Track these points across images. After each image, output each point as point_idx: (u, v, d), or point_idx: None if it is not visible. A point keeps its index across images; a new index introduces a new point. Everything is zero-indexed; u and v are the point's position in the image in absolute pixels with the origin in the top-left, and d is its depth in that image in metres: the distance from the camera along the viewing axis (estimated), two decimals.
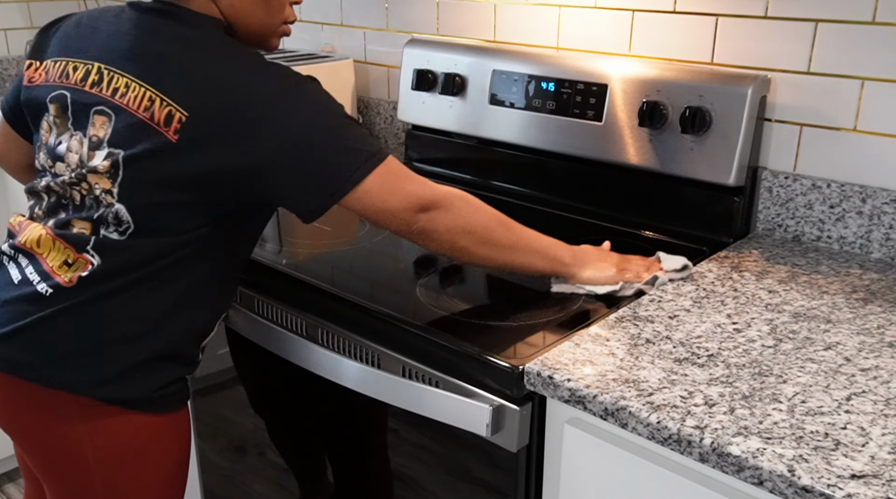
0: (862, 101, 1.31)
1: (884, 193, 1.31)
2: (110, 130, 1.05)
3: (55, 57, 1.13)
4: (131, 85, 1.04)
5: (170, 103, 1.01)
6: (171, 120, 1.00)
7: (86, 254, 1.05)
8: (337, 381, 1.17)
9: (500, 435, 1.03)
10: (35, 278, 1.05)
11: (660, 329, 1.08)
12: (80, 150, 1.07)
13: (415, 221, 1.06)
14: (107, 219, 1.05)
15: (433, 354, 1.08)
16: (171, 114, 1.00)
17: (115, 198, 1.04)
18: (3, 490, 2.35)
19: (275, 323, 1.28)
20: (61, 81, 1.10)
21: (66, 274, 1.04)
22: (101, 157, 1.04)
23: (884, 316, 1.12)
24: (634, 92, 1.46)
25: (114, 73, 1.06)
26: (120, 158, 1.03)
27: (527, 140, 1.62)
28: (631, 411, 0.90)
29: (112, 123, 1.04)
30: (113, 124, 1.04)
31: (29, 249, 1.08)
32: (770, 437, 0.85)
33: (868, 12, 1.28)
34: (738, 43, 1.42)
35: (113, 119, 1.04)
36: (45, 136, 1.12)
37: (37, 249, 1.07)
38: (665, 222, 1.48)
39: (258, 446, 1.47)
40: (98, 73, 1.07)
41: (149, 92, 1.02)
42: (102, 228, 1.05)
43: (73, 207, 1.08)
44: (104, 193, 1.05)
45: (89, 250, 1.04)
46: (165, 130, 1.00)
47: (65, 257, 1.05)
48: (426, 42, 1.78)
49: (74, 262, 1.05)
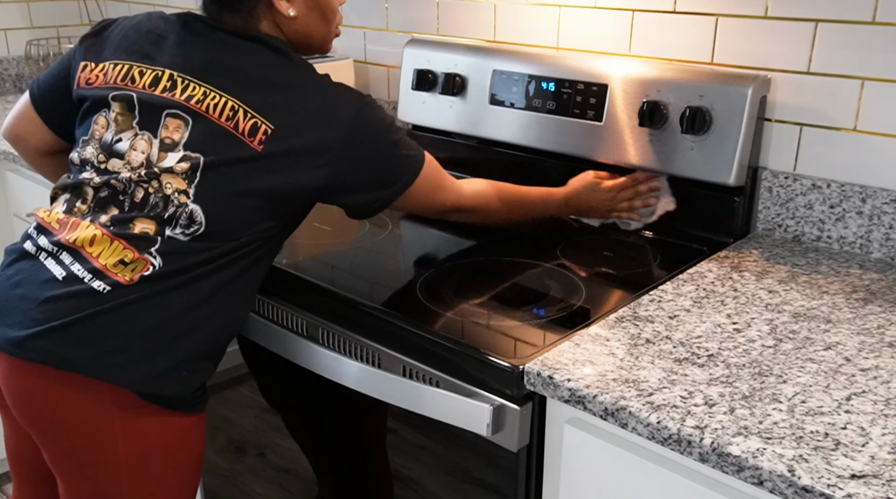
0: (862, 101, 1.31)
1: (884, 193, 1.31)
2: (187, 134, 1.08)
3: (115, 60, 1.15)
4: (210, 93, 1.09)
5: (255, 115, 1.07)
6: (257, 131, 1.07)
7: (147, 255, 1.06)
8: (337, 381, 1.17)
9: (500, 435, 1.03)
10: (86, 276, 1.05)
11: (660, 329, 1.08)
12: (148, 149, 1.09)
13: (446, 216, 1.30)
14: (177, 218, 1.07)
15: (433, 354, 1.08)
16: (256, 125, 1.07)
17: (191, 198, 1.07)
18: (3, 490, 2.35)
19: (275, 323, 1.28)
20: (125, 84, 1.12)
21: (123, 273, 1.05)
22: (176, 159, 1.07)
23: (884, 316, 1.12)
24: (634, 92, 1.46)
25: (189, 81, 1.10)
26: (201, 162, 1.07)
27: (527, 140, 1.62)
28: (631, 411, 0.90)
29: (189, 128, 1.08)
30: (190, 129, 1.08)
31: (77, 247, 1.07)
32: (770, 437, 0.85)
33: (868, 12, 1.28)
34: (738, 43, 1.42)
35: (190, 124, 1.08)
36: (99, 131, 1.13)
37: (88, 248, 1.07)
38: (665, 222, 1.47)
39: (258, 447, 1.47)
40: (170, 80, 1.11)
41: (231, 102, 1.08)
42: (168, 229, 1.07)
43: (132, 205, 1.09)
44: (177, 193, 1.07)
45: (153, 252, 1.06)
46: (250, 141, 1.07)
47: (121, 257, 1.06)
48: (426, 42, 1.78)
49: (132, 262, 1.06)
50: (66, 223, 1.10)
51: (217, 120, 1.08)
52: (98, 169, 1.12)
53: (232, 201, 1.07)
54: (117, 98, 1.12)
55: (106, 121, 1.13)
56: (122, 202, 1.09)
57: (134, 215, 1.08)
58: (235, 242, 1.09)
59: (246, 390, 1.46)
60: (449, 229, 1.49)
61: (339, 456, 1.31)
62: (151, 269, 1.05)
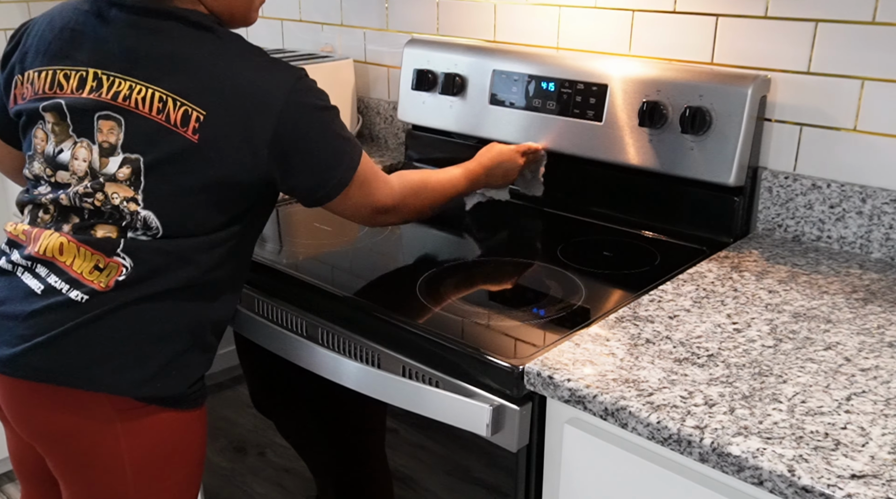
0: (862, 101, 1.31)
1: (884, 193, 1.31)
2: (122, 135, 1.03)
3: (38, 67, 1.10)
4: (136, 87, 1.03)
5: (184, 103, 1.01)
6: (189, 119, 1.01)
7: (117, 258, 1.03)
8: (337, 380, 1.17)
9: (500, 435, 1.03)
10: (63, 287, 1.03)
11: (660, 329, 1.08)
12: (89, 157, 1.05)
13: (377, 218, 1.22)
14: (134, 225, 1.04)
15: (433, 354, 1.08)
16: (187, 113, 1.01)
17: (141, 205, 1.03)
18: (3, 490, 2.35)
19: (275, 323, 1.28)
20: (53, 92, 1.07)
21: (99, 279, 1.03)
22: (117, 163, 1.03)
23: (884, 316, 1.12)
24: (634, 92, 1.46)
25: (113, 76, 1.04)
26: (141, 163, 1.03)
27: (527, 140, 1.61)
28: (631, 411, 0.90)
29: (123, 128, 1.03)
30: (124, 129, 1.03)
31: (49, 258, 1.05)
32: (770, 437, 0.85)
33: (868, 12, 1.28)
34: (738, 43, 1.42)
35: (123, 124, 1.03)
36: (40, 144, 1.09)
37: (59, 256, 1.04)
38: (665, 222, 1.48)
39: (258, 446, 1.47)
40: (95, 79, 1.05)
41: (157, 92, 1.02)
42: (130, 232, 1.04)
43: (91, 213, 1.06)
44: (126, 202, 1.03)
45: (120, 254, 1.04)
46: (184, 131, 1.01)
47: (94, 263, 1.04)
48: (426, 42, 1.78)
49: (106, 266, 1.03)
50: (30, 234, 1.08)
51: (148, 114, 1.02)
52: (50, 183, 1.09)
53: (182, 201, 1.04)
54: (48, 108, 1.07)
55: (44, 133, 1.08)
56: (81, 210, 1.06)
57: (94, 222, 1.05)
58: (200, 237, 1.06)
59: (246, 389, 1.45)
60: (449, 229, 1.49)
61: (338, 456, 1.31)
62: (124, 270, 1.03)
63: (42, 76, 1.09)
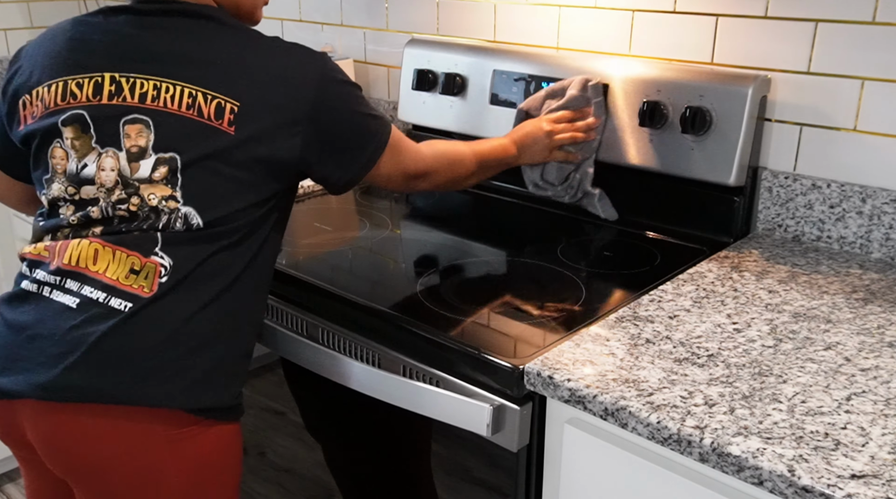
0: (862, 101, 1.31)
1: (884, 193, 1.31)
2: (153, 136, 1.01)
3: (46, 81, 1.06)
4: (162, 86, 1.01)
5: (216, 96, 1.01)
6: (223, 111, 1.00)
7: (155, 257, 0.99)
8: (337, 380, 1.17)
9: (500, 435, 1.03)
10: (100, 296, 0.98)
11: (660, 329, 1.08)
12: (116, 165, 1.02)
13: (413, 184, 1.23)
14: (172, 224, 1.01)
15: (433, 354, 1.08)
16: (220, 105, 1.00)
17: (181, 202, 1.00)
18: (4, 490, 2.35)
19: (275, 323, 1.28)
20: (67, 103, 1.04)
21: (139, 283, 0.98)
22: (150, 165, 1.01)
23: (884, 316, 1.12)
24: (635, 92, 1.46)
25: (134, 78, 1.02)
26: (178, 161, 1.00)
27: None
28: (631, 411, 0.90)
29: (152, 129, 1.01)
30: (154, 130, 1.01)
31: (80, 269, 1.00)
32: (770, 437, 0.85)
33: (868, 12, 1.28)
34: (738, 43, 1.42)
35: (151, 125, 1.01)
36: (60, 163, 1.05)
37: (92, 265, 1.00)
38: (665, 222, 1.48)
39: (258, 446, 1.47)
40: (113, 83, 1.03)
41: (186, 89, 1.01)
42: (169, 229, 1.01)
43: (121, 220, 1.02)
44: (165, 201, 1.01)
45: (158, 253, 1.00)
46: (219, 123, 1.00)
47: (129, 266, 0.99)
48: (426, 42, 1.78)
49: (143, 267, 0.99)
50: (54, 249, 1.03)
51: (178, 111, 1.00)
52: (73, 201, 1.04)
53: (222, 193, 1.02)
54: (67, 122, 1.03)
55: (63, 151, 1.04)
56: (109, 219, 1.02)
57: (125, 227, 1.01)
58: (237, 229, 1.03)
59: (246, 389, 1.46)
60: (449, 229, 1.49)
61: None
62: (164, 271, 0.99)
63: (52, 89, 1.06)
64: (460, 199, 1.67)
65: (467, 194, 1.69)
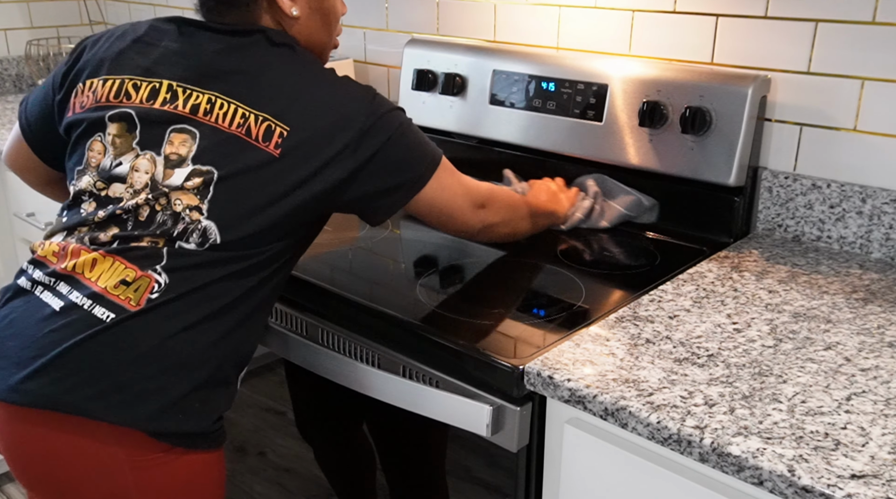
0: (862, 101, 1.31)
1: (884, 193, 1.31)
2: (195, 148, 1.01)
3: (104, 75, 1.07)
4: (217, 101, 1.02)
5: (267, 118, 1.01)
6: (272, 135, 1.00)
7: (152, 273, 0.98)
8: (337, 380, 1.17)
9: (500, 435, 1.03)
10: (84, 302, 0.96)
11: (660, 329, 1.08)
12: (152, 169, 1.02)
13: (476, 217, 1.19)
14: (188, 235, 0.99)
15: (433, 354, 1.08)
16: (270, 128, 1.01)
17: (205, 215, 0.99)
18: (4, 490, 2.35)
19: (275, 323, 1.28)
20: (119, 101, 1.05)
21: (127, 295, 0.96)
22: (185, 174, 1.00)
23: (884, 316, 1.12)
24: (634, 92, 1.46)
25: (191, 90, 1.03)
26: (215, 175, 1.00)
27: (527, 140, 1.62)
28: (631, 411, 0.90)
29: (196, 141, 1.01)
30: (198, 142, 1.01)
31: (75, 274, 0.99)
32: (770, 437, 0.85)
33: (868, 12, 1.28)
34: (738, 43, 1.42)
35: (197, 137, 1.01)
36: (96, 157, 1.05)
37: (88, 273, 0.99)
38: (665, 222, 1.48)
39: (258, 446, 1.47)
40: (170, 91, 1.04)
41: (241, 108, 1.01)
42: (180, 242, 0.99)
43: (136, 224, 1.01)
44: (189, 210, 0.99)
45: (157, 269, 0.98)
46: (265, 145, 1.00)
47: (122, 277, 0.97)
48: (426, 42, 1.78)
49: (135, 281, 0.97)
50: (60, 253, 1.02)
51: (227, 128, 1.01)
52: (98, 197, 1.04)
53: (250, 214, 1.00)
54: (114, 118, 1.04)
55: (102, 145, 1.05)
56: (124, 221, 1.01)
57: (137, 234, 1.00)
58: (249, 257, 1.01)
59: (246, 389, 1.46)
60: None
61: None
62: (157, 287, 0.97)
63: (108, 84, 1.07)
64: None
65: None
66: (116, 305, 0.96)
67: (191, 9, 1.14)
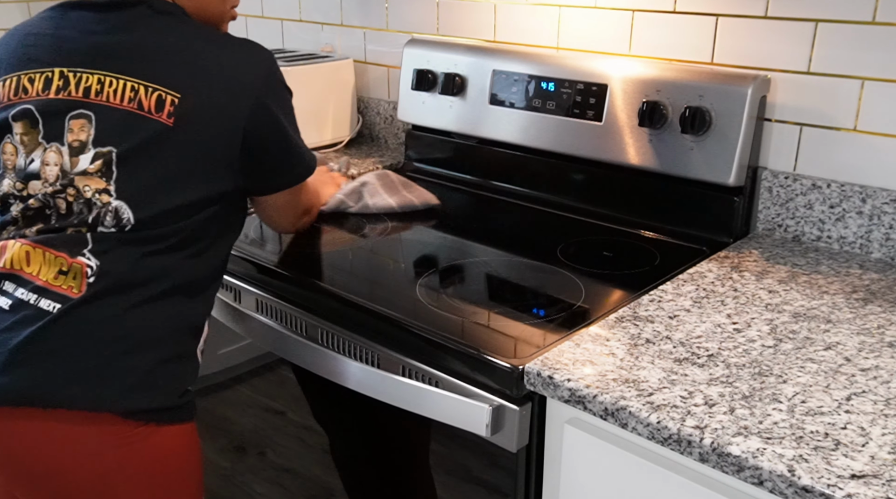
0: (862, 101, 1.31)
1: (884, 193, 1.31)
2: (93, 131, 1.02)
3: (3, 76, 1.07)
4: (106, 80, 1.02)
5: (157, 88, 1.01)
6: (163, 104, 1.01)
7: (81, 258, 0.99)
8: (337, 380, 1.17)
9: (499, 435, 1.03)
10: (30, 297, 0.98)
11: (660, 329, 1.08)
12: (59, 160, 1.02)
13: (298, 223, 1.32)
14: (103, 219, 1.00)
15: (433, 354, 1.08)
16: (161, 98, 1.01)
17: (113, 196, 1.00)
18: None
19: (275, 323, 1.28)
20: (18, 98, 1.05)
21: (68, 284, 0.98)
22: (88, 159, 1.01)
23: (884, 316, 1.12)
24: (634, 92, 1.46)
25: (81, 72, 1.03)
26: (113, 155, 1.01)
27: (527, 140, 1.62)
28: (631, 411, 0.90)
29: (94, 124, 1.02)
30: (95, 124, 1.02)
31: (15, 271, 1.00)
32: (770, 437, 0.85)
33: (868, 12, 1.28)
34: (738, 43, 1.42)
35: (93, 120, 1.02)
36: (10, 159, 1.05)
37: (26, 267, 0.99)
38: (665, 222, 1.48)
39: (258, 446, 1.47)
40: (62, 78, 1.04)
41: (129, 82, 1.01)
42: (100, 228, 1.00)
43: (58, 217, 1.02)
44: (98, 194, 1.00)
45: (85, 254, 0.99)
46: (158, 115, 1.00)
47: (58, 267, 0.99)
48: (426, 42, 1.78)
49: (70, 268, 0.99)
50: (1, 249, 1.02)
51: (119, 105, 1.01)
52: (21, 197, 1.04)
53: (157, 189, 1.01)
54: (17, 117, 1.04)
55: (13, 146, 1.05)
56: (48, 217, 1.02)
57: (59, 226, 1.01)
58: (174, 233, 1.02)
59: (246, 389, 1.45)
60: (449, 229, 1.49)
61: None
62: (90, 271, 0.98)
63: (7, 84, 1.07)
64: (460, 199, 1.67)
65: (467, 194, 1.69)
66: (60, 294, 0.98)
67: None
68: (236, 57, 1.05)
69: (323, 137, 1.95)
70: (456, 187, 1.74)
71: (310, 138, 1.91)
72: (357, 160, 1.89)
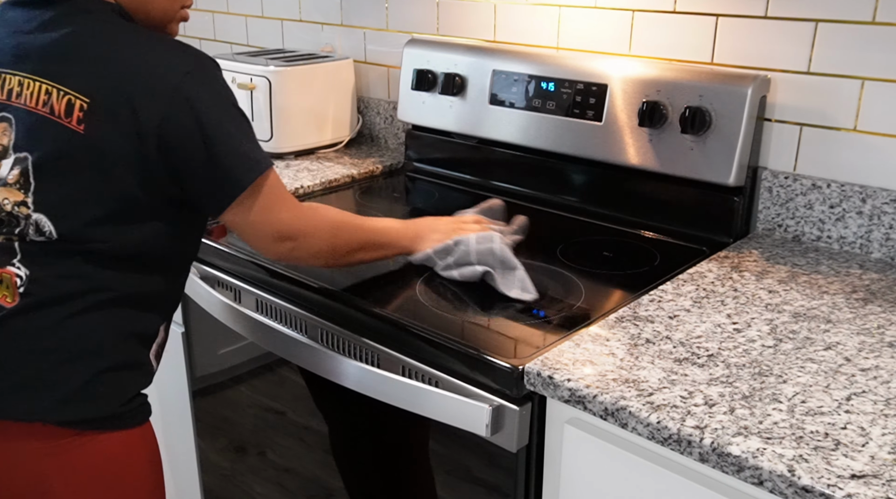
0: (862, 101, 1.31)
1: (884, 193, 1.31)
2: (13, 135, 0.97)
3: None
4: (25, 82, 0.97)
5: (67, 92, 0.95)
6: (73, 109, 0.94)
7: (11, 268, 0.96)
8: (337, 380, 1.17)
9: (499, 435, 1.03)
10: None
11: (660, 329, 1.08)
12: None
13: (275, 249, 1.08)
14: (26, 232, 0.97)
15: (433, 354, 1.08)
16: (70, 103, 0.94)
17: (31, 208, 0.96)
18: None
19: (275, 322, 1.28)
20: None
21: (1, 293, 0.96)
22: (9, 166, 0.97)
23: (884, 316, 1.12)
24: (634, 92, 1.46)
25: (5, 74, 0.99)
26: (29, 162, 0.96)
27: (527, 140, 1.62)
28: (631, 411, 0.90)
29: (14, 128, 0.97)
30: (14, 128, 0.97)
31: None
32: (770, 437, 0.85)
33: (868, 12, 1.28)
34: (738, 43, 1.42)
35: (13, 123, 0.97)
36: None
37: None
38: (665, 222, 1.48)
39: (258, 446, 1.47)
40: None
41: (44, 85, 0.96)
42: (29, 237, 0.97)
43: None
44: (17, 206, 0.96)
45: (15, 263, 0.96)
46: (68, 121, 0.94)
47: None
48: (426, 42, 1.78)
49: (2, 279, 0.96)
50: None
51: (34, 108, 0.95)
52: None
53: (75, 200, 0.95)
54: None
55: None
56: None
57: None
58: (105, 244, 0.97)
59: (246, 389, 1.46)
60: None
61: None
62: (20, 281, 0.95)
63: None
64: (460, 199, 1.67)
65: (467, 194, 1.69)
66: None
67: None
68: (158, 58, 0.96)
69: (323, 137, 1.95)
70: (456, 187, 1.74)
71: (310, 139, 1.92)
72: (357, 160, 1.89)
